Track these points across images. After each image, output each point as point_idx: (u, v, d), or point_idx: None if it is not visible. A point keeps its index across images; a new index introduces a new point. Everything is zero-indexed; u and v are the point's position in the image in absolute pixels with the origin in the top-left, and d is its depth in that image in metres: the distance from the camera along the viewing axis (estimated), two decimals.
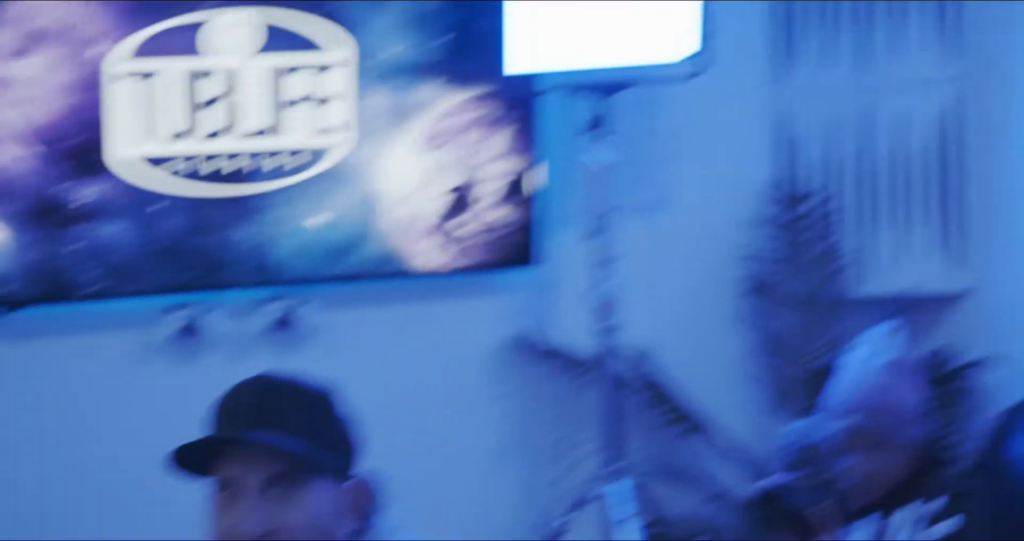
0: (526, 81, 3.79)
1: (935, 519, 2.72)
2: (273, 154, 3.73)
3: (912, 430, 3.04)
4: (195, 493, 1.69)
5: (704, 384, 4.24)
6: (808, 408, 4.03)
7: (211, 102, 3.65)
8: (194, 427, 1.65)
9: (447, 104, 3.87)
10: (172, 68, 3.60)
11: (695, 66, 3.78)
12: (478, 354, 4.08)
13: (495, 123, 3.94)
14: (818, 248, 4.27)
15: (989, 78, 4.08)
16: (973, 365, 4.09)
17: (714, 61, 4.01)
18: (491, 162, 3.95)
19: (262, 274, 3.75)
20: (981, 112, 4.11)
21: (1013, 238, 4.02)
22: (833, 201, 4.29)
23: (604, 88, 3.79)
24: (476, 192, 3.96)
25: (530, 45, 3.65)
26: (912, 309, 4.30)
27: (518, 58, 3.64)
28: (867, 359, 3.22)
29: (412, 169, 3.86)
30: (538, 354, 4.08)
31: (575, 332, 3.99)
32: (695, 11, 3.74)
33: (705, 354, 4.29)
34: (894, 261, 4.27)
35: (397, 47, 3.80)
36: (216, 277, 3.70)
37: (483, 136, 3.94)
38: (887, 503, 2.79)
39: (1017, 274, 4.02)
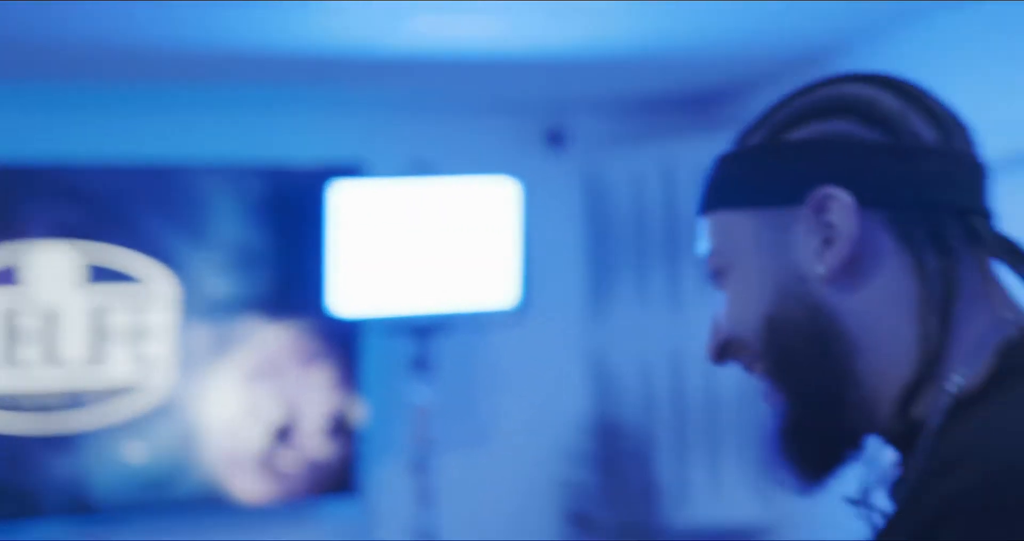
0: (350, 320, 3.88)
1: None
2: (94, 387, 3.77)
3: None
4: None
5: None
6: None
7: (29, 336, 3.71)
8: None
9: (270, 339, 3.96)
10: None
11: (516, 312, 3.94)
12: None
13: (318, 358, 4.04)
14: (635, 480, 4.39)
15: None
16: None
17: (534, 307, 4.20)
18: (314, 396, 4.03)
19: (80, 505, 3.75)
20: None
21: None
22: (649, 435, 4.43)
23: (428, 331, 3.90)
24: (299, 426, 4.03)
25: (353, 289, 3.73)
26: (726, 539, 4.43)
27: (341, 300, 3.73)
28: None
29: (234, 402, 3.93)
30: None
31: None
32: (517, 260, 3.89)
33: None
34: (708, 494, 4.35)
35: (219, 282, 3.90)
36: (33, 508, 3.69)
37: (306, 371, 4.03)
38: None
39: (817, 509, 4.14)
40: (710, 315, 1.22)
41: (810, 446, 1.16)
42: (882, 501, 1.22)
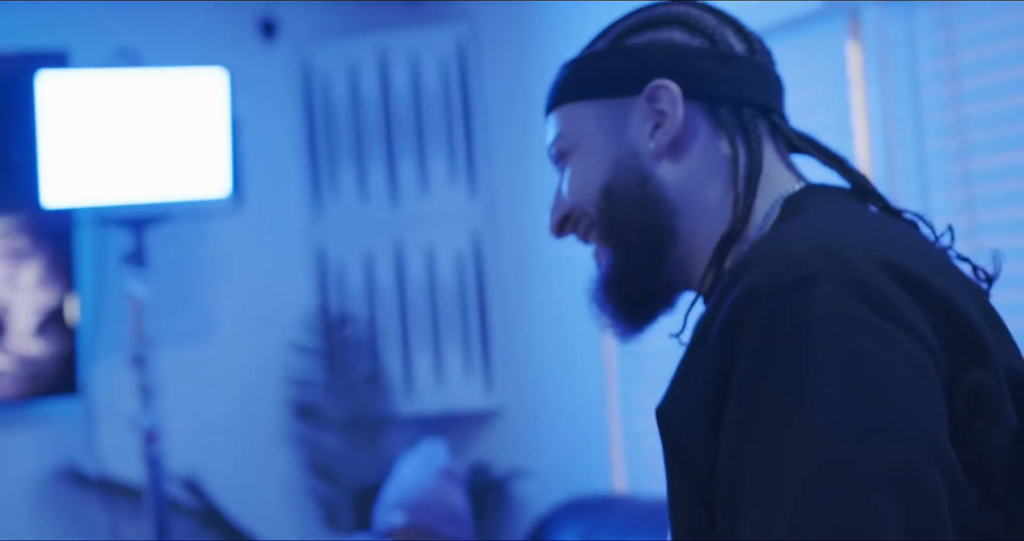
0: (62, 213, 3.81)
1: None
2: None
3: (459, 530, 3.29)
4: None
5: (255, 506, 4.31)
6: (360, 524, 4.18)
7: None
8: None
9: None
10: None
11: (233, 201, 3.93)
12: (24, 486, 4.00)
13: (29, 253, 3.94)
14: (360, 371, 4.45)
15: (505, 214, 4.39)
16: (507, 477, 4.31)
17: (251, 197, 4.18)
18: (27, 293, 3.94)
19: None
20: (500, 245, 4.41)
21: (533, 361, 4.29)
22: (372, 327, 4.48)
23: (142, 222, 3.85)
24: (12, 323, 3.93)
25: (65, 179, 3.67)
26: (451, 427, 4.55)
27: (54, 192, 3.66)
28: (416, 468, 3.46)
29: None
30: (86, 484, 4.03)
31: (123, 460, 3.99)
32: (227, 151, 3.87)
33: (255, 477, 4.36)
34: (432, 382, 4.45)
35: None
36: None
37: (17, 266, 3.93)
38: None
39: (539, 394, 4.29)
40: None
41: (632, 294, 1.39)
42: None
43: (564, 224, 1.47)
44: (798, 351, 1.09)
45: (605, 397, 3.97)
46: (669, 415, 1.20)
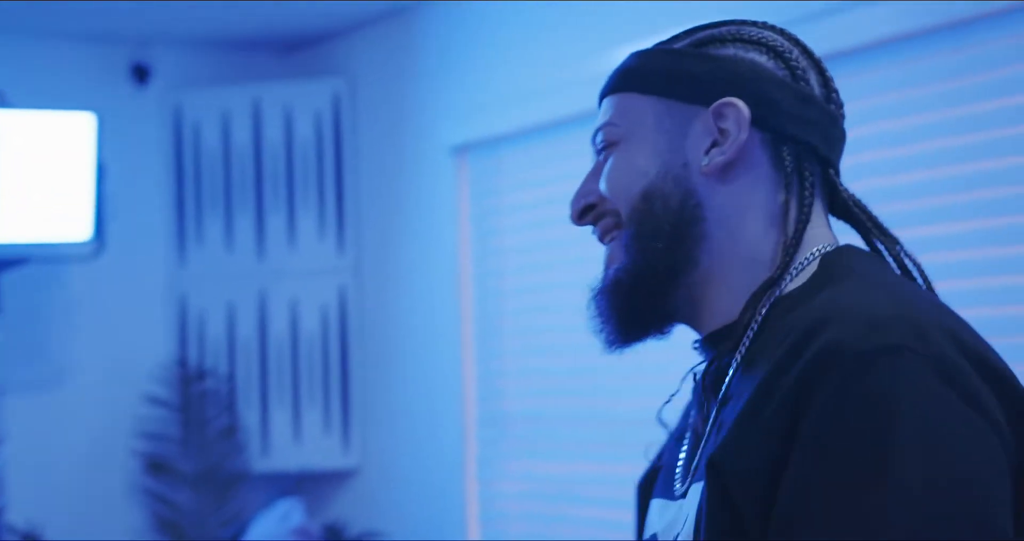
0: None
1: None
2: None
3: None
4: None
5: None
6: None
7: None
8: None
9: None
10: None
11: (94, 246, 3.85)
12: None
13: None
14: (216, 426, 4.37)
15: (371, 270, 4.36)
16: (362, 538, 4.24)
17: (113, 242, 4.10)
18: None
19: None
20: (366, 301, 4.37)
21: (393, 420, 4.25)
22: (231, 380, 4.41)
23: None
24: None
25: None
26: (307, 485, 4.48)
27: None
28: (271, 527, 3.38)
29: None
30: None
31: None
32: (92, 193, 3.81)
33: (99, 532, 4.22)
34: (289, 439, 4.38)
35: None
36: None
37: None
38: None
39: (397, 454, 4.26)
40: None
41: (637, 306, 1.31)
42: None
43: (586, 213, 1.37)
44: (881, 423, 1.09)
45: (463, 459, 3.95)
46: (723, 465, 1.16)
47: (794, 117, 1.29)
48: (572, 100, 3.45)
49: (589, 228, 1.38)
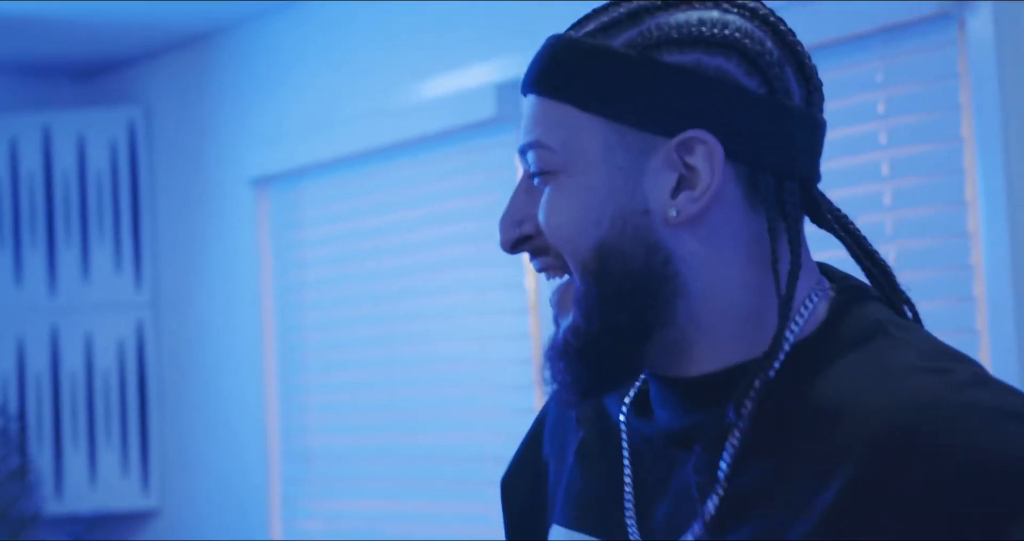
0: None
1: None
2: None
3: None
4: None
5: None
6: None
7: None
8: None
9: None
10: None
11: None
12: None
13: None
14: (5, 466, 4.20)
15: (170, 304, 4.26)
16: None
17: None
18: None
19: None
20: (164, 337, 4.27)
21: (194, 459, 4.16)
22: (22, 419, 4.26)
23: None
24: None
25: None
26: (105, 527, 4.35)
27: None
28: None
29: None
30: None
31: None
32: None
33: None
34: (85, 480, 4.26)
35: None
36: None
37: None
38: None
39: (199, 494, 4.16)
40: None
41: (597, 369, 1.09)
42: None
43: (520, 244, 1.12)
44: None
45: (267, 498, 3.88)
46: None
47: (772, 142, 1.08)
48: (375, 132, 3.41)
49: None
